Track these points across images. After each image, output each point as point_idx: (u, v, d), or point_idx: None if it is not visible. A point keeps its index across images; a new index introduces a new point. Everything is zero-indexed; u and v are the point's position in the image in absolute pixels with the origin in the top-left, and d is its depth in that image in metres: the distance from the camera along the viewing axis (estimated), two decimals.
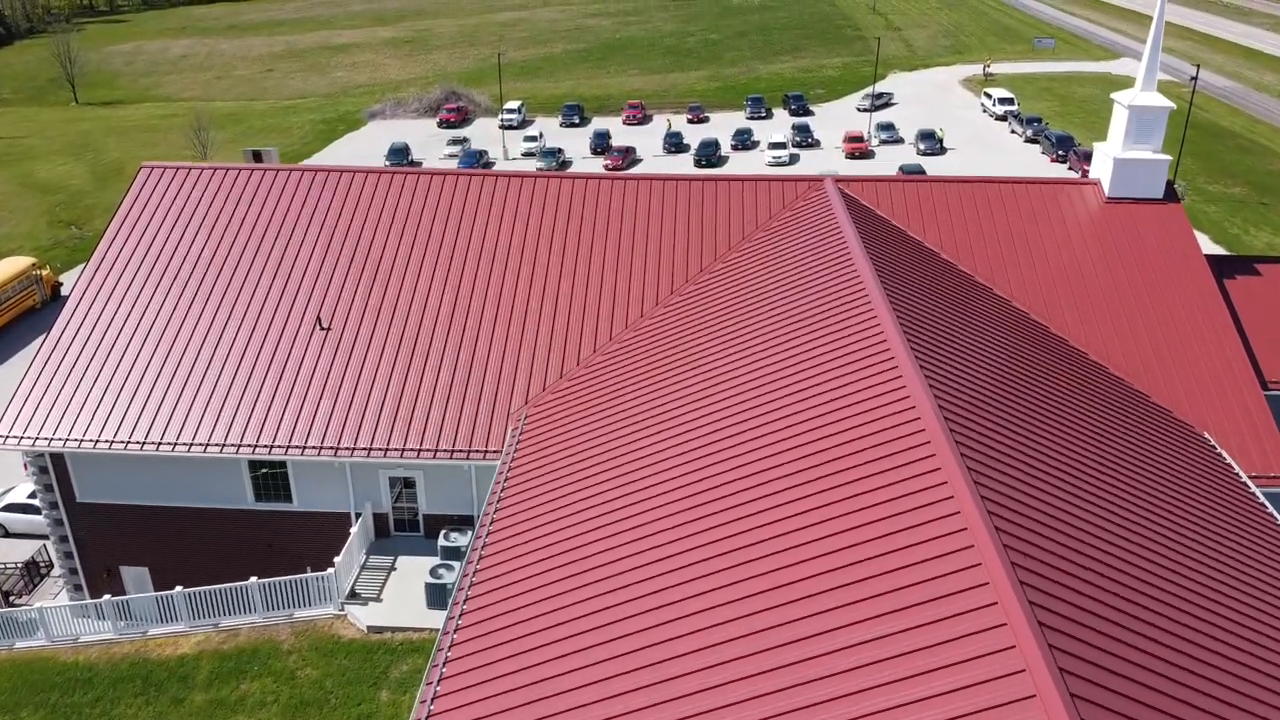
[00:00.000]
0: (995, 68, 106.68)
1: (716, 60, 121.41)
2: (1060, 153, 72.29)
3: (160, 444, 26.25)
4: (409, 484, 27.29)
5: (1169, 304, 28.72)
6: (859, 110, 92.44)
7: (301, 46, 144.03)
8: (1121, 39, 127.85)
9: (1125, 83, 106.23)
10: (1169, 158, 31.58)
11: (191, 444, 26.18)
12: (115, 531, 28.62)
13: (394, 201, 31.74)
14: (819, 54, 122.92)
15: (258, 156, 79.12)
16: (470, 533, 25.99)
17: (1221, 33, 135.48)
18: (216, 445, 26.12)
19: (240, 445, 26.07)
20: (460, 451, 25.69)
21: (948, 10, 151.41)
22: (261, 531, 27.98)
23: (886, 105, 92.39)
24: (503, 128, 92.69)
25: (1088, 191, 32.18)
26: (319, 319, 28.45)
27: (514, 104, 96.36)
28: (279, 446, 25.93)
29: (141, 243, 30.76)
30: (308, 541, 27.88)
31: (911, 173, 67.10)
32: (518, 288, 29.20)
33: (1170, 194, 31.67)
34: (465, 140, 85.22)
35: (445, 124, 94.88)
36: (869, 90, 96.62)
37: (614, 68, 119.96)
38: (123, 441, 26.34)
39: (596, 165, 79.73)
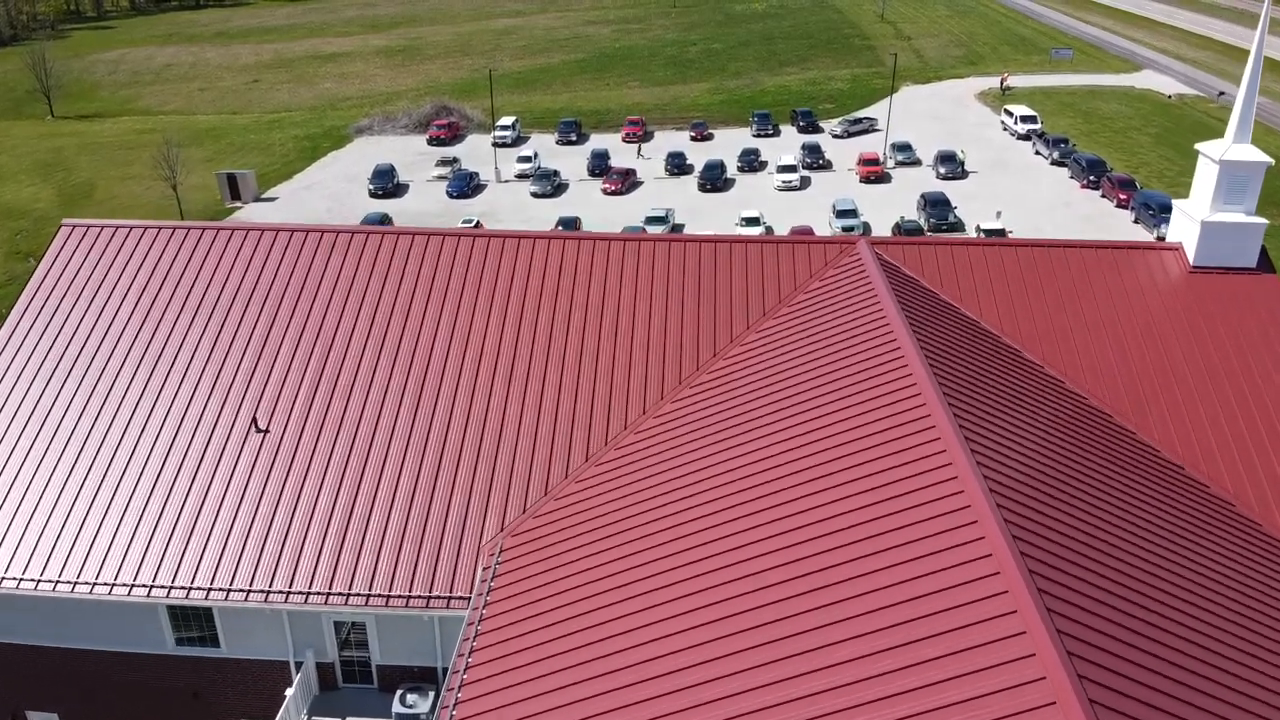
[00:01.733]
0: (1012, 80, 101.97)
1: (720, 71, 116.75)
2: (1092, 179, 67.47)
3: (57, 583, 21.50)
4: (359, 624, 22.53)
5: (1275, 402, 23.95)
6: (834, 136, 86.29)
7: (290, 55, 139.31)
8: (1141, 49, 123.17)
9: (1150, 97, 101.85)
10: (1265, 221, 26.82)
11: (94, 584, 21.42)
12: (16, 674, 23.87)
13: (351, 270, 26.97)
14: (826, 65, 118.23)
15: (232, 180, 74.67)
16: (433, 695, 21.26)
17: (1243, 42, 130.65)
18: (124, 585, 21.36)
19: (152, 586, 21.30)
20: (419, 598, 20.92)
21: (958, 18, 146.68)
22: (185, 679, 23.21)
23: (866, 131, 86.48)
24: (496, 145, 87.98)
25: (1168, 258, 27.40)
26: (254, 420, 23.69)
27: (507, 120, 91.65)
28: (199, 589, 21.15)
29: (53, 322, 26.01)
30: (240, 691, 23.13)
31: (934, 201, 62.19)
32: (495, 382, 24.42)
33: (1265, 263, 26.92)
34: (455, 160, 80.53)
35: (435, 141, 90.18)
36: (849, 115, 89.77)
37: (613, 79, 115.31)
38: (14, 579, 21.59)
39: (594, 188, 75.07)
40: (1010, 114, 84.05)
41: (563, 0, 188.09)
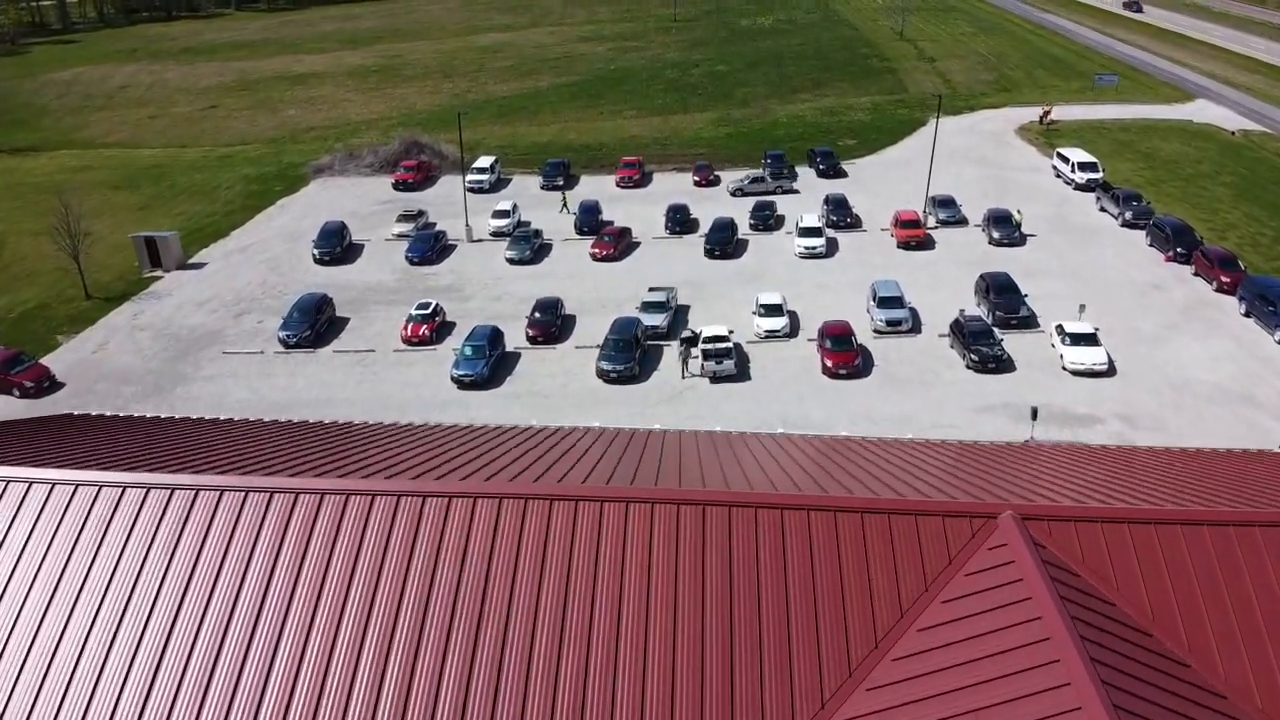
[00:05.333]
0: (1055, 113, 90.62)
1: (726, 98, 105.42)
2: (1180, 251, 55.88)
3: None
4: None
5: None
6: (731, 194, 73.13)
7: (255, 75, 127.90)
8: (1187, 73, 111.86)
9: (1212, 134, 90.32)
10: None
11: None
12: None
13: (206, 578, 15.62)
14: (844, 90, 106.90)
15: (151, 245, 63.02)
16: None
17: None
18: None
19: None
20: None
21: (984, 36, 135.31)
22: None
23: (771, 193, 72.65)
24: (471, 190, 76.62)
25: None
26: None
27: (485, 161, 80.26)
28: None
29: None
30: None
31: (999, 286, 49.75)
32: None
33: None
34: (419, 215, 68.94)
35: (401, 185, 78.66)
36: (752, 172, 75.24)
37: (608, 107, 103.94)
38: None
39: (582, 250, 63.63)
40: (1065, 159, 72.55)
41: (556, 13, 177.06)
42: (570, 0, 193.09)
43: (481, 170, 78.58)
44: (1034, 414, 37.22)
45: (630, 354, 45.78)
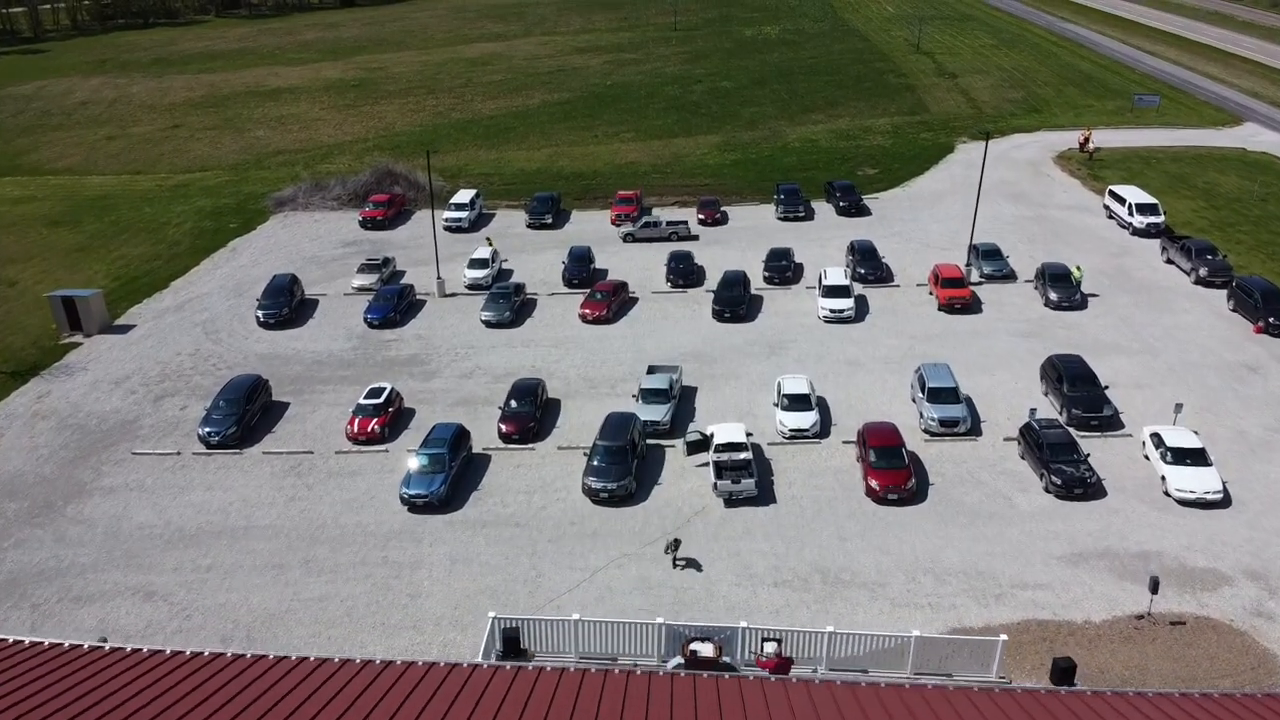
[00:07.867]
0: (1095, 138, 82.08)
1: (732, 118, 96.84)
2: (1272, 321, 47.35)
3: None
4: None
5: None
6: (623, 240, 64.74)
7: (225, 90, 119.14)
8: (1227, 91, 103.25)
9: (1268, 163, 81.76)
10: None
11: None
12: None
13: None
14: (860, 110, 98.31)
15: (70, 306, 54.23)
16: None
17: None
18: None
19: None
20: None
21: (1007, 50, 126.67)
22: None
23: (668, 239, 63.75)
24: (447, 229, 68.16)
25: None
26: None
27: (464, 196, 71.64)
28: None
29: None
30: None
31: (1074, 374, 39.82)
32: None
33: None
34: (385, 263, 60.16)
35: (369, 223, 70.07)
36: (652, 217, 65.81)
37: (603, 129, 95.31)
38: None
39: (571, 308, 55.11)
40: (1120, 199, 63.96)
41: (550, 21, 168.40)
42: (565, 7, 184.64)
43: (460, 207, 70.00)
44: (1154, 586, 28.69)
45: (625, 466, 37.12)
